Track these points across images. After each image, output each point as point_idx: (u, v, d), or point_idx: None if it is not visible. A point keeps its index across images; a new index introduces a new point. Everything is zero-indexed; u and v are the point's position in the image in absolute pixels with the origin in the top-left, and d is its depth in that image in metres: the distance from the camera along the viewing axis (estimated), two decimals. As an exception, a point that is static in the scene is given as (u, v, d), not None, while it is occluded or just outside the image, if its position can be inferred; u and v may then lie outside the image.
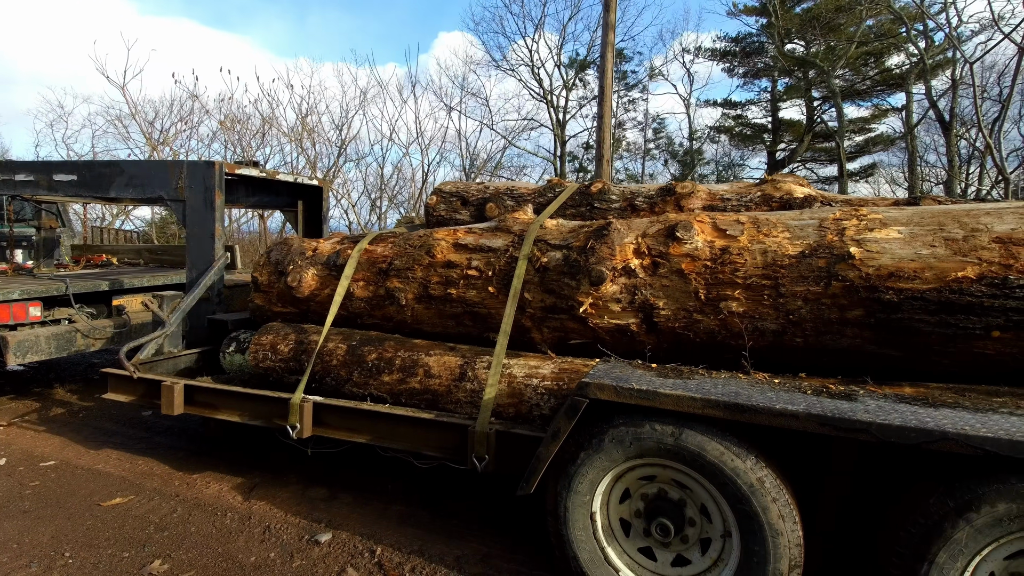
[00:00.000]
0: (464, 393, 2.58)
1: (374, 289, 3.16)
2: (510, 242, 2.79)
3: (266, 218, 13.98)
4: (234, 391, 3.01)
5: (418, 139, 14.82)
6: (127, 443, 3.75)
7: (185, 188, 4.03)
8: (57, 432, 3.96)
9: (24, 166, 4.71)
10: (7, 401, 4.71)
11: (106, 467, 3.38)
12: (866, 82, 17.19)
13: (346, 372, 2.95)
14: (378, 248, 3.24)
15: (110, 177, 4.32)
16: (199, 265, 4.05)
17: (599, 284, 2.39)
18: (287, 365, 3.17)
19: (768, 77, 18.76)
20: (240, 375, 3.64)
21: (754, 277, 2.18)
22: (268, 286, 3.53)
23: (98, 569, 2.32)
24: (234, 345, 3.70)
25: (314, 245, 3.54)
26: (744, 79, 19.53)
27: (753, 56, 18.79)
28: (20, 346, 4.11)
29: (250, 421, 2.99)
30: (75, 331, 4.42)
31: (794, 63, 16.74)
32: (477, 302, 2.80)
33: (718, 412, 1.70)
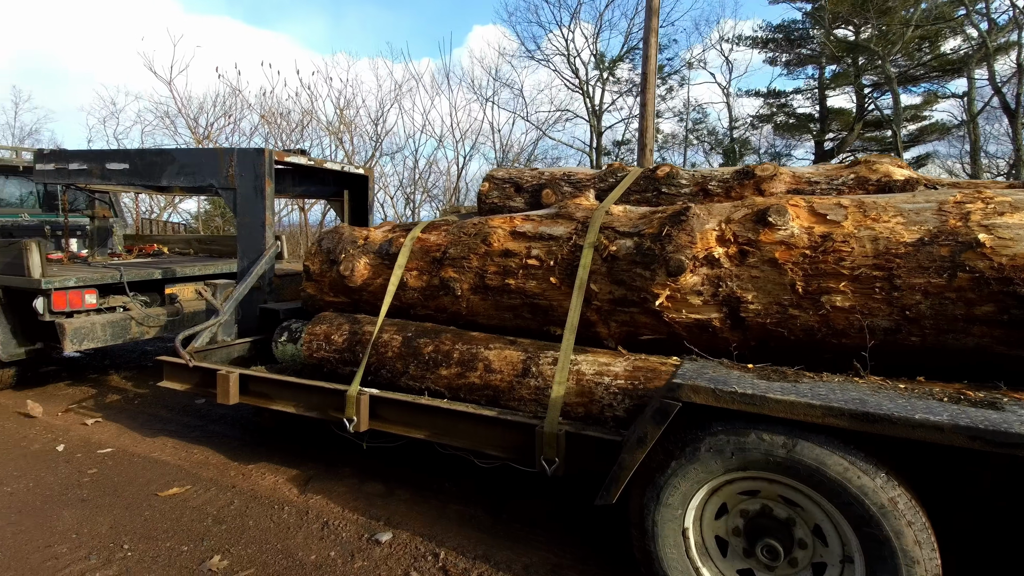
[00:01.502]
0: (528, 390, 2.40)
1: (428, 279, 3.01)
2: (573, 229, 2.60)
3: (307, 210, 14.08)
4: (289, 381, 2.91)
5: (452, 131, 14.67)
6: (182, 431, 3.72)
7: (235, 176, 3.96)
8: (113, 419, 3.96)
9: (78, 155, 4.72)
10: (64, 387, 4.77)
11: (162, 455, 3.34)
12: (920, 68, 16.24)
13: (402, 365, 2.81)
14: (431, 236, 3.09)
15: (161, 165, 4.28)
16: (250, 254, 3.98)
17: (678, 275, 2.17)
18: (341, 356, 3.06)
19: (814, 64, 17.92)
20: (293, 365, 3.56)
21: (863, 268, 1.93)
22: (320, 275, 3.42)
23: (157, 563, 2.24)
24: (286, 334, 3.61)
25: (365, 233, 3.41)
26: (787, 67, 18.71)
27: (797, 43, 17.95)
28: (76, 333, 4.13)
29: (305, 413, 2.89)
30: (129, 319, 4.43)
31: (843, 49, 15.92)
32: (537, 293, 2.62)
33: (842, 422, 1.47)
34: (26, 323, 4.37)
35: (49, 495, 2.83)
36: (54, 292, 4.10)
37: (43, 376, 5.01)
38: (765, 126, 19.10)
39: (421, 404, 2.52)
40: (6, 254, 4.24)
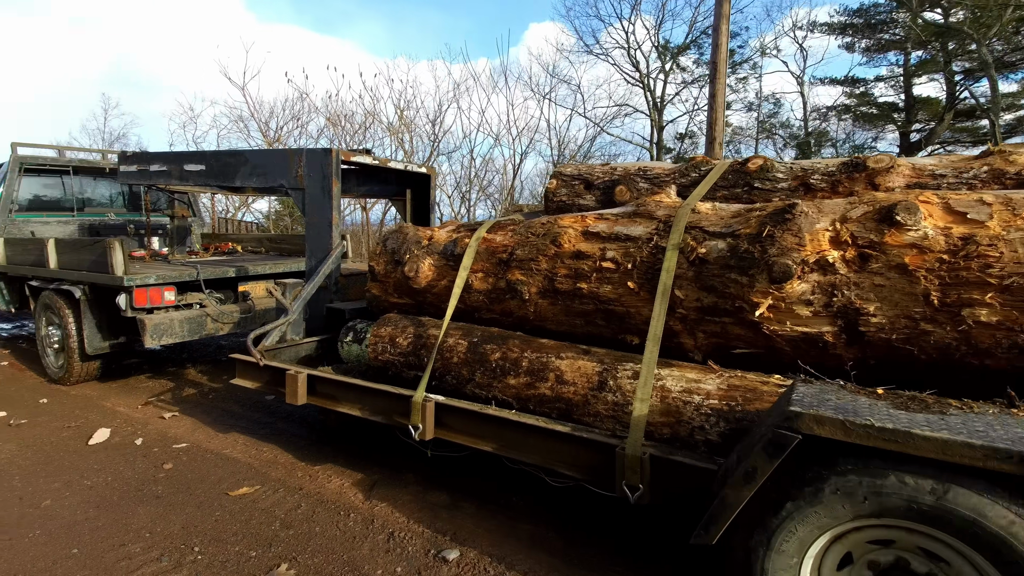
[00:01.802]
0: (604, 405, 2.19)
1: (493, 281, 2.86)
2: (653, 229, 2.36)
3: (368, 209, 14.35)
4: (355, 384, 2.83)
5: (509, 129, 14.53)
6: (252, 428, 3.76)
7: (304, 176, 3.95)
8: (189, 413, 4.06)
9: (158, 157, 4.89)
10: (145, 380, 4.97)
11: (233, 452, 3.36)
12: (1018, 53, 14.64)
13: (467, 371, 2.67)
14: (497, 237, 2.93)
15: (235, 167, 4.35)
16: (317, 253, 3.97)
17: (783, 281, 1.90)
18: (406, 359, 2.96)
19: (897, 50, 16.53)
20: (358, 366, 3.50)
21: (1015, 276, 1.60)
22: (384, 275, 3.34)
23: (226, 569, 2.20)
24: (351, 335, 3.56)
25: (429, 234, 3.30)
26: (867, 54, 17.36)
27: (879, 28, 16.62)
28: (156, 329, 4.27)
29: (370, 417, 2.80)
30: (205, 315, 4.54)
31: (931, 33, 14.58)
32: (612, 299, 2.40)
33: (1010, 466, 1.19)
34: (110, 318, 4.57)
35: (126, 490, 2.88)
36: (135, 289, 4.25)
37: (126, 368, 5.25)
38: (835, 117, 17.82)
39: (488, 415, 2.37)
40: (92, 252, 4.44)
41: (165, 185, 5.13)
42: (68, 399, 4.39)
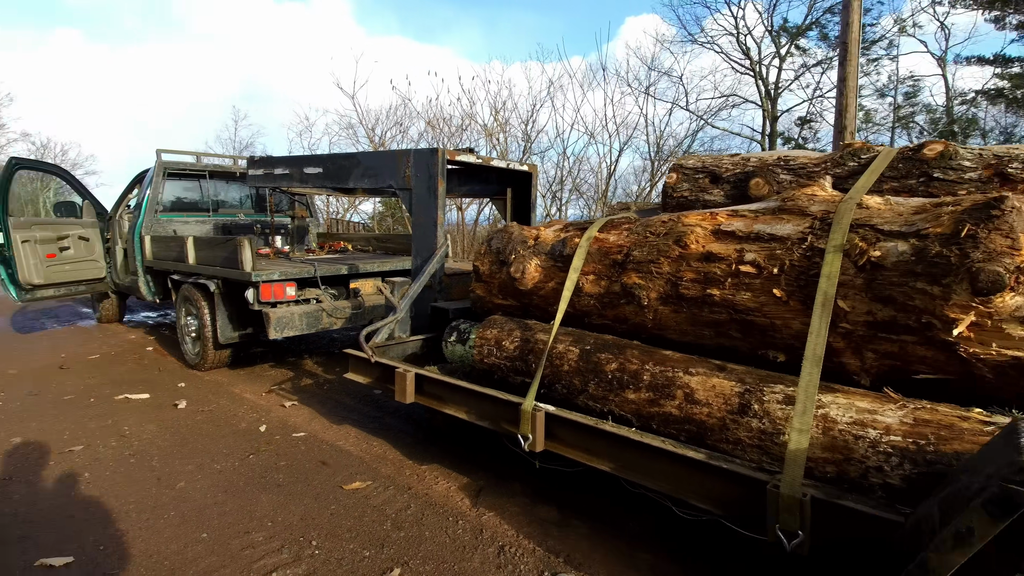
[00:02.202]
0: (747, 432, 1.89)
1: (606, 284, 2.62)
2: (807, 228, 2.01)
3: (464, 209, 14.58)
4: (461, 386, 2.73)
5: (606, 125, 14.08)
6: (363, 421, 3.81)
7: (411, 176, 3.95)
8: (306, 403, 4.22)
9: (281, 161, 5.15)
10: (268, 368, 5.27)
11: (346, 444, 3.41)
12: None
13: (579, 381, 2.47)
14: (610, 236, 2.69)
15: (348, 168, 4.46)
16: (423, 252, 3.95)
17: (991, 293, 1.50)
18: (512, 364, 2.81)
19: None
20: (461, 367, 3.43)
21: None
22: (489, 276, 3.22)
23: (341, 567, 2.17)
24: (455, 335, 3.49)
25: (535, 233, 3.13)
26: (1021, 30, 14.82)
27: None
28: (279, 322, 4.49)
29: (477, 421, 2.69)
30: (321, 310, 4.72)
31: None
32: (752, 308, 2.08)
33: None
34: (239, 311, 4.89)
35: (251, 476, 2.99)
36: (262, 284, 4.50)
37: (252, 357, 5.63)
38: (997, 102, 15.34)
39: (605, 431, 2.14)
40: (224, 249, 4.76)
41: (287, 187, 5.42)
42: (202, 384, 4.75)
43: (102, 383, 4.75)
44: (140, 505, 2.68)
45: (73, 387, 4.65)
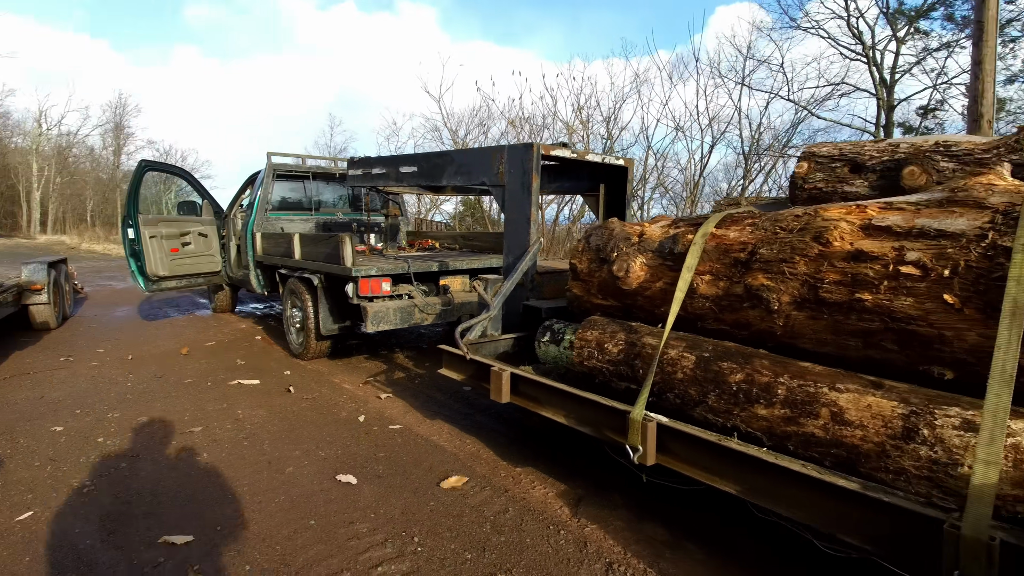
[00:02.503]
0: (914, 461, 1.60)
1: (726, 285, 2.38)
2: (987, 223, 1.68)
3: (544, 207, 14.46)
4: (561, 389, 2.59)
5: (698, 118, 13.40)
6: (454, 417, 3.80)
7: (505, 172, 3.87)
8: (400, 395, 4.28)
9: (378, 161, 5.28)
10: (363, 360, 5.43)
11: (439, 439, 3.40)
12: None
13: (696, 391, 2.25)
14: (730, 233, 2.44)
15: (442, 166, 4.47)
16: (515, 250, 3.86)
17: None
18: (616, 369, 2.64)
19: None
20: (555, 368, 3.30)
21: None
22: (588, 275, 3.06)
23: (444, 568, 2.11)
24: (549, 335, 3.37)
25: (639, 229, 2.93)
26: None
27: None
28: (376, 316, 4.59)
29: (577, 426, 2.54)
30: (414, 306, 4.78)
31: None
32: (914, 316, 1.77)
33: None
34: (339, 304, 5.07)
35: (353, 465, 3.04)
36: (360, 279, 4.62)
37: (348, 349, 5.83)
38: None
39: (732, 450, 1.92)
40: (327, 246, 4.95)
41: (383, 187, 5.56)
42: (306, 372, 4.97)
43: (217, 368, 5.09)
44: (253, 487, 2.79)
45: (192, 371, 5.02)
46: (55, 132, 36.17)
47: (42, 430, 3.53)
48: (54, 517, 2.48)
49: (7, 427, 3.56)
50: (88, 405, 4.04)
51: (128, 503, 2.62)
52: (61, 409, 3.94)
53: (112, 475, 2.92)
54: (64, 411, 3.90)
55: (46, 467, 2.99)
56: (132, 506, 2.59)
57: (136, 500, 2.65)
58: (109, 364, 5.23)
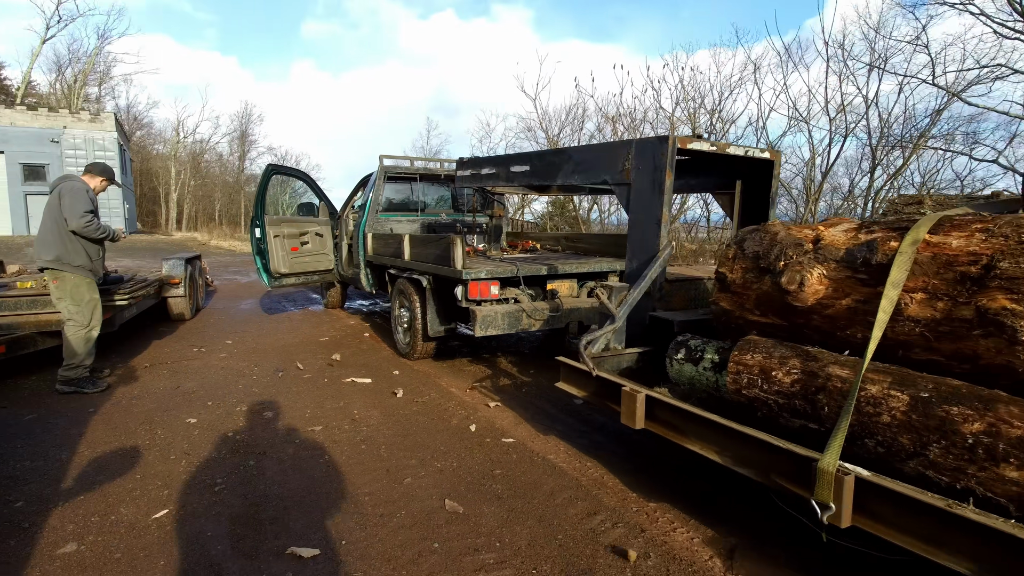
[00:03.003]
0: None
1: (946, 307, 1.87)
2: None
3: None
4: (717, 422, 2.21)
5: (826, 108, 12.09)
6: (569, 434, 3.50)
7: (632, 169, 3.50)
8: (509, 404, 4.06)
9: (488, 161, 5.11)
10: (466, 363, 5.30)
11: (557, 459, 3.12)
12: None
13: (910, 441, 1.77)
14: (953, 240, 1.92)
15: (558, 165, 4.19)
16: (640, 255, 3.49)
17: None
18: (789, 402, 2.20)
19: None
20: (691, 390, 2.90)
21: None
22: (742, 286, 2.63)
23: (586, 626, 1.81)
24: (684, 352, 2.97)
25: (813, 234, 2.45)
26: None
27: None
28: (484, 320, 4.41)
29: (736, 467, 2.15)
30: (521, 311, 4.55)
31: None
32: None
33: None
34: (446, 306, 4.97)
35: (470, 481, 2.84)
36: (470, 282, 4.47)
37: (451, 351, 5.74)
38: None
39: (969, 520, 1.45)
40: (437, 247, 4.85)
41: (492, 187, 5.40)
42: (413, 373, 4.92)
43: (332, 364, 5.19)
44: (374, 497, 2.67)
45: (310, 365, 5.15)
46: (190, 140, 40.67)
47: (178, 421, 3.69)
48: (187, 516, 2.49)
49: (147, 417, 3.77)
50: (218, 397, 4.21)
51: (256, 505, 2.60)
52: (195, 400, 4.14)
53: (241, 473, 2.94)
54: (197, 402, 4.10)
55: (181, 461, 3.08)
56: (260, 509, 2.56)
57: (263, 503, 2.62)
58: (236, 356, 5.52)
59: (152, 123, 40.60)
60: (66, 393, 4.18)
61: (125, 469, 2.97)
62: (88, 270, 4.22)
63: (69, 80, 33.05)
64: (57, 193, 4.09)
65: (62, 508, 2.55)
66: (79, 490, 2.72)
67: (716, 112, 14.53)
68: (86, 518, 2.47)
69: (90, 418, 3.73)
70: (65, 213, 4.05)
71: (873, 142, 12.32)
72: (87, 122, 21.86)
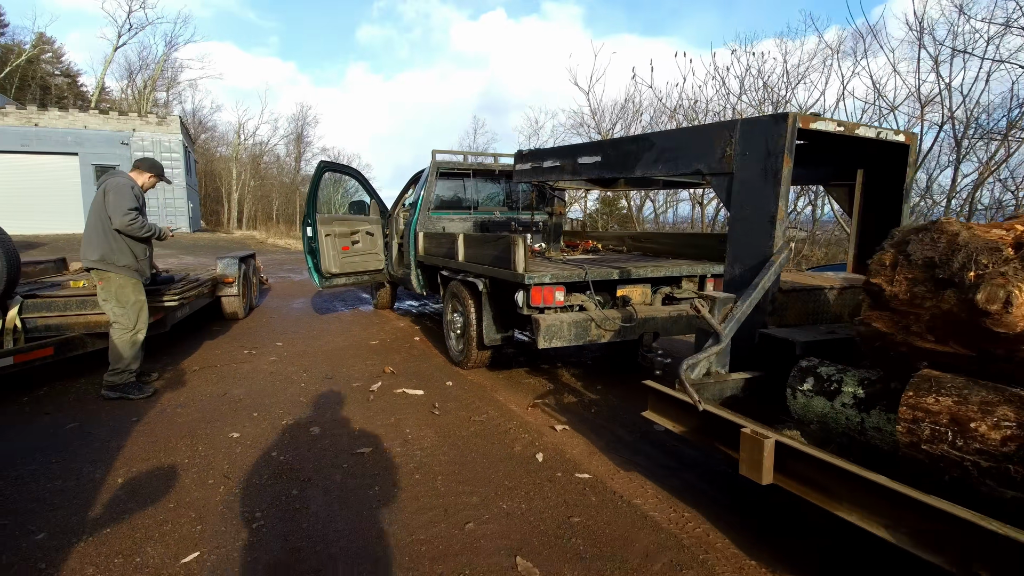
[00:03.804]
0: None
1: None
2: None
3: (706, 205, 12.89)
4: (899, 492, 1.62)
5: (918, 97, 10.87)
6: (655, 471, 2.96)
7: (735, 156, 2.91)
8: (577, 428, 3.55)
9: (551, 152, 4.59)
10: (524, 375, 4.82)
11: (645, 505, 2.59)
12: None
13: None
14: None
15: (636, 154, 3.63)
16: (746, 258, 2.89)
17: None
18: (998, 467, 1.58)
19: None
20: (824, 431, 2.30)
21: None
22: (908, 302, 2.01)
23: None
24: (812, 381, 2.37)
25: (1010, 236, 1.82)
26: None
27: None
28: (548, 330, 3.91)
29: (916, 550, 1.56)
30: (590, 320, 4.02)
31: None
32: None
33: None
34: (503, 312, 4.50)
35: (545, 532, 2.35)
36: (533, 287, 3.98)
37: (507, 359, 5.27)
38: None
39: None
40: (495, 248, 4.38)
41: (554, 181, 4.89)
42: (467, 385, 4.48)
43: (382, 373, 4.83)
44: (432, 547, 2.23)
45: (359, 373, 4.81)
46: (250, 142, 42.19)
47: (220, 435, 3.39)
48: (219, 564, 2.12)
49: (190, 429, 3.49)
50: (265, 407, 3.91)
51: (297, 551, 2.20)
52: (240, 410, 3.85)
53: (283, 505, 2.56)
54: (243, 412, 3.80)
55: (219, 486, 2.74)
56: (301, 557, 2.16)
57: (305, 548, 2.22)
58: (286, 359, 5.26)
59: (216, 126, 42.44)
60: (111, 399, 3.98)
61: (159, 494, 2.66)
62: (134, 270, 4.01)
63: (139, 86, 34.89)
64: (103, 190, 3.89)
65: (85, 544, 2.24)
66: (107, 520, 2.42)
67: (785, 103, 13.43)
68: (108, 559, 2.14)
69: (131, 428, 3.48)
70: (109, 211, 3.84)
71: (958, 133, 10.95)
72: (154, 125, 22.83)
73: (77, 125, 21.16)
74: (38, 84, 33.06)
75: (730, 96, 12.06)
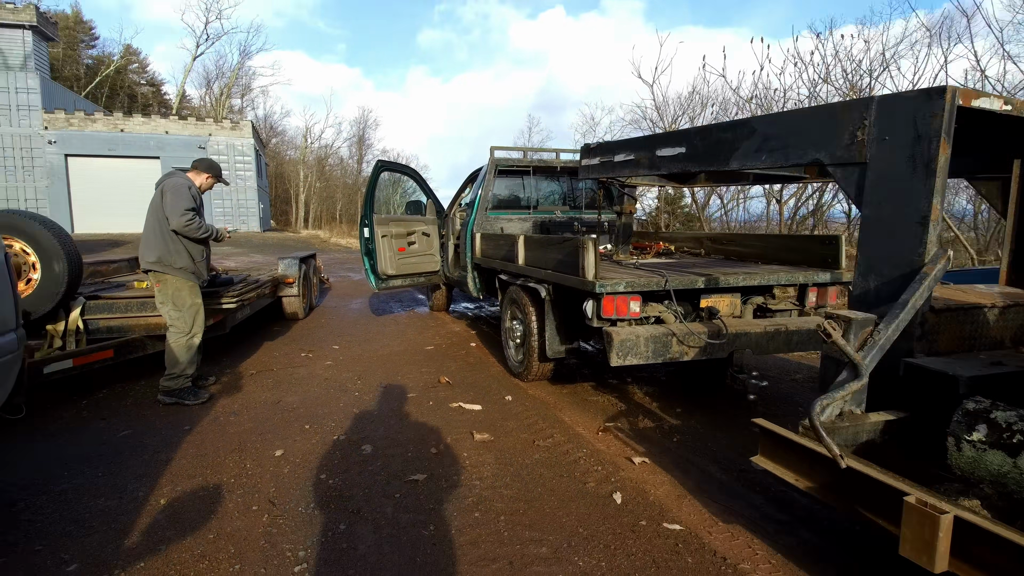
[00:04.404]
0: None
1: None
2: None
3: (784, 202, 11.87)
4: None
5: None
6: (761, 524, 2.43)
7: (870, 142, 2.33)
8: (658, 461, 3.06)
9: (624, 145, 4.10)
10: (590, 391, 4.36)
11: (754, 571, 2.08)
12: None
13: None
14: None
15: (732, 142, 3.09)
16: (886, 268, 2.32)
17: None
18: None
19: None
20: (998, 492, 1.73)
21: None
22: None
23: None
24: (984, 430, 1.81)
25: None
26: None
27: None
28: (623, 345, 3.43)
29: None
30: (670, 334, 3.51)
31: None
32: None
33: None
34: (568, 322, 4.07)
35: (633, 605, 1.90)
36: (605, 296, 3.53)
37: (570, 372, 4.84)
38: None
39: None
40: (560, 251, 3.95)
41: (626, 177, 4.41)
42: (528, 400, 4.09)
43: (437, 384, 4.52)
44: (494, 617, 1.84)
45: (414, 382, 4.53)
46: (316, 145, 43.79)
47: (270, 451, 3.16)
48: (256, 620, 1.82)
49: (239, 442, 3.29)
50: (317, 418, 3.68)
51: (339, 609, 1.88)
52: (292, 421, 3.64)
53: (328, 543, 2.26)
54: (295, 424, 3.58)
55: (263, 515, 2.47)
56: (343, 619, 1.83)
57: (349, 606, 1.89)
58: (342, 364, 5.07)
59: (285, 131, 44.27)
60: (167, 404, 3.88)
61: (200, 521, 2.42)
62: (191, 272, 3.89)
63: (216, 93, 36.92)
64: (160, 190, 3.78)
65: (115, 582, 2.01)
66: (142, 551, 2.19)
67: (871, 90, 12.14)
68: (137, 604, 1.90)
69: (183, 439, 3.33)
70: (167, 211, 3.72)
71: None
72: (228, 130, 23.97)
73: (159, 130, 22.50)
74: (126, 93, 35.64)
75: (818, 83, 10.98)
